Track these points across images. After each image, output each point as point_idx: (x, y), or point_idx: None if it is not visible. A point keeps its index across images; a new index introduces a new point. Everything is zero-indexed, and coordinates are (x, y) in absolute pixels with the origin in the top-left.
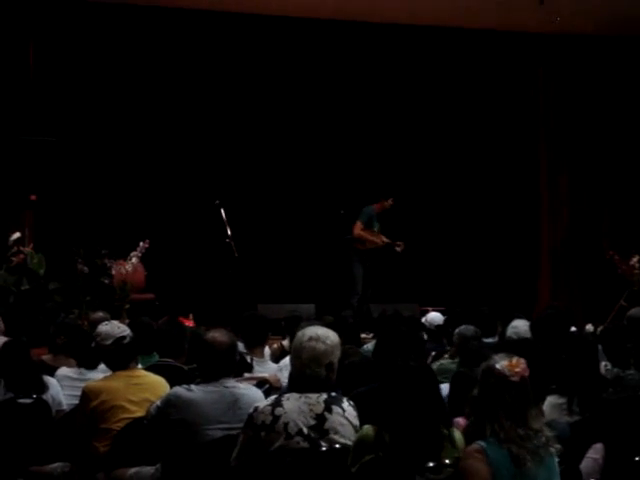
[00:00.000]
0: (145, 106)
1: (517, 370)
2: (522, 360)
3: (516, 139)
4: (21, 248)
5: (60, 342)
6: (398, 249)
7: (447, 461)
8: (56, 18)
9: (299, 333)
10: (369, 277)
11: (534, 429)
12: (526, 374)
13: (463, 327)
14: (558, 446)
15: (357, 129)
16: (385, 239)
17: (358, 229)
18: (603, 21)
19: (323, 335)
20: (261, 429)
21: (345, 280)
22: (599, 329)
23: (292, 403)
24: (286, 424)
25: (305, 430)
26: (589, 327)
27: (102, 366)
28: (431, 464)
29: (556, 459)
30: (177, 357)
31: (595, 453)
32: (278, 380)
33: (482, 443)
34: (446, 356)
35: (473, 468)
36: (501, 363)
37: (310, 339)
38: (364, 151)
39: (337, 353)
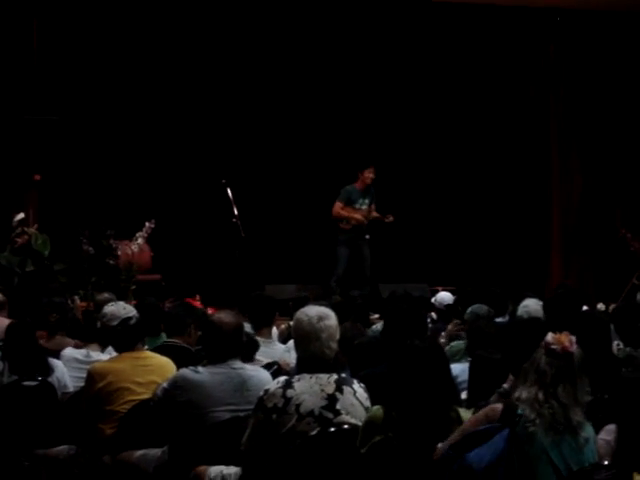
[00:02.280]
0: (150, 84)
1: (562, 341)
2: (573, 337)
3: (527, 118)
4: (25, 229)
5: (53, 320)
6: (387, 221)
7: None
8: None
9: (302, 317)
10: (362, 257)
11: (563, 403)
12: (570, 349)
13: (476, 306)
14: (586, 435)
15: (366, 109)
16: (374, 214)
17: (337, 208)
18: None
19: (326, 313)
20: (273, 412)
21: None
22: (611, 308)
23: (303, 384)
24: (298, 405)
25: (317, 411)
26: (601, 306)
27: (109, 348)
28: (440, 445)
29: (582, 440)
30: (183, 337)
31: (607, 435)
32: (288, 364)
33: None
34: (449, 327)
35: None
36: (551, 334)
37: (320, 319)
38: (374, 131)
39: None
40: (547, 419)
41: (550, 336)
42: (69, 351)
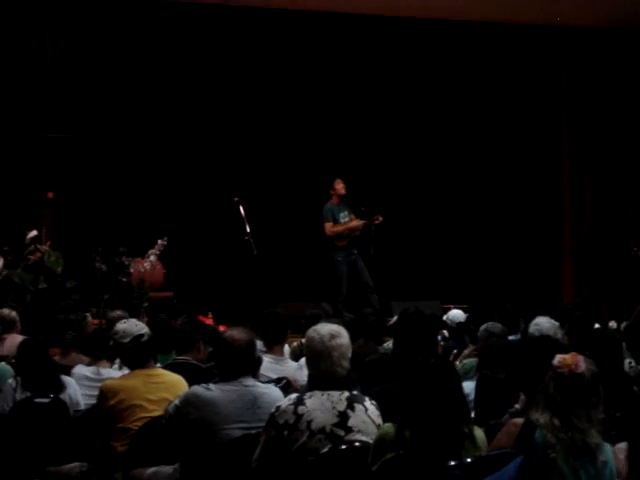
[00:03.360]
0: (163, 102)
1: (568, 363)
2: (580, 357)
3: (539, 135)
4: (38, 246)
5: (69, 337)
6: (377, 222)
7: (468, 459)
8: (72, 12)
9: (314, 335)
10: (359, 270)
11: (578, 427)
12: (577, 371)
13: (490, 324)
14: (604, 457)
15: (379, 126)
16: (360, 221)
17: (329, 228)
18: (630, 14)
19: (338, 331)
20: (284, 428)
21: (330, 284)
22: (622, 326)
23: (315, 401)
24: (309, 422)
25: (328, 428)
26: (612, 324)
27: (116, 363)
28: (452, 462)
29: (600, 464)
30: (193, 354)
31: (619, 453)
32: (296, 381)
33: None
34: (465, 352)
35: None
36: (559, 356)
37: (332, 337)
38: (386, 147)
39: None
40: (567, 444)
41: (557, 359)
42: (79, 369)
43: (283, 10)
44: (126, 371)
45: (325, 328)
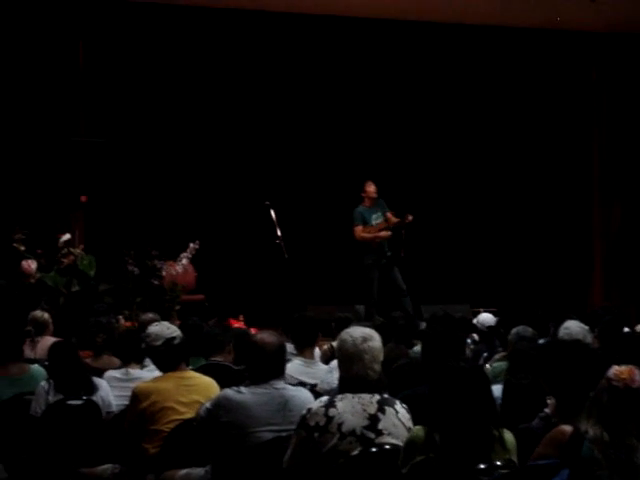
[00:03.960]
0: (195, 106)
1: (623, 377)
2: (636, 372)
3: (569, 139)
4: (71, 249)
5: (100, 340)
6: (408, 221)
7: (498, 462)
8: (106, 19)
9: (346, 337)
10: (392, 274)
11: (627, 444)
12: (634, 385)
13: (521, 328)
14: None
15: (412, 129)
16: (393, 220)
17: (359, 232)
18: None
19: (370, 334)
20: (315, 430)
21: (361, 287)
22: None
23: (346, 404)
24: (340, 424)
25: (358, 430)
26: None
27: (150, 366)
28: (482, 466)
29: None
30: (223, 355)
31: None
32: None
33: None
34: (496, 356)
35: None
36: (615, 368)
37: (364, 340)
38: (419, 151)
39: None
40: (613, 462)
41: (612, 371)
42: (110, 371)
43: (306, 15)
44: (156, 372)
45: (358, 331)
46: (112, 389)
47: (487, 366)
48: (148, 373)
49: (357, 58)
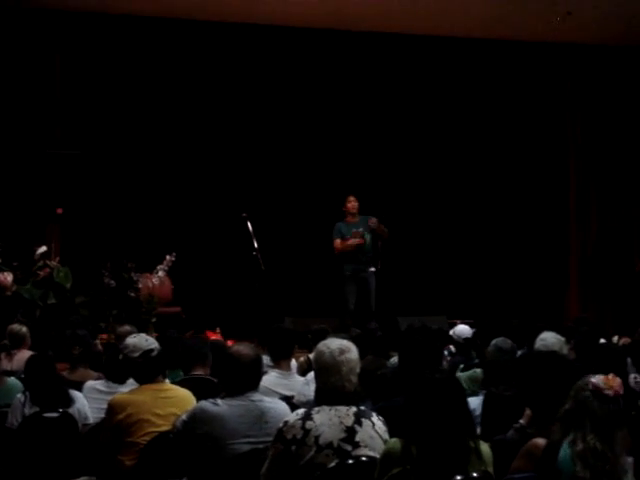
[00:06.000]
0: (171, 119)
1: (612, 385)
2: (618, 379)
3: (545, 151)
4: (47, 262)
5: (76, 352)
6: (371, 223)
7: (474, 474)
8: (82, 32)
9: (323, 349)
10: (367, 291)
11: (615, 452)
12: (620, 392)
13: (500, 340)
14: None
15: (387, 140)
16: (379, 227)
17: (337, 244)
18: (632, 31)
19: (348, 346)
20: (292, 443)
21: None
22: (621, 341)
23: (323, 416)
24: (317, 437)
25: (335, 443)
26: (616, 339)
27: (130, 380)
28: (458, 477)
29: None
30: (204, 368)
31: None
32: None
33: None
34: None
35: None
36: (597, 377)
37: (341, 352)
38: (394, 163)
39: None
40: (599, 473)
41: (599, 381)
42: (90, 382)
43: (294, 28)
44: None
45: (335, 343)
46: (92, 401)
47: (461, 374)
48: (129, 387)
49: (337, 68)
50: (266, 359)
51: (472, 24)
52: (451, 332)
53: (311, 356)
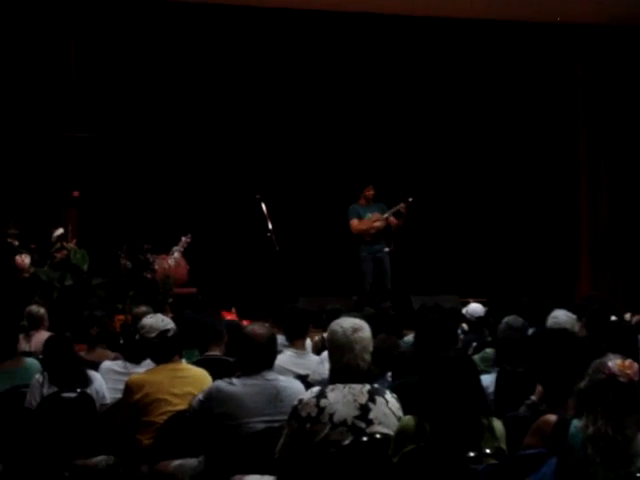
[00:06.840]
0: (186, 100)
1: (627, 372)
2: (635, 364)
3: (556, 130)
4: (64, 244)
5: (94, 333)
6: (407, 204)
7: (487, 451)
8: (98, 14)
9: (336, 328)
10: (383, 270)
11: (627, 436)
12: (635, 378)
13: (511, 318)
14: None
15: (399, 123)
16: (385, 214)
17: (355, 225)
18: None
19: (360, 324)
20: (306, 421)
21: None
22: (634, 319)
23: (337, 394)
24: (331, 415)
25: (349, 420)
26: (628, 316)
27: (147, 360)
28: (472, 454)
29: (636, 471)
30: (220, 349)
31: None
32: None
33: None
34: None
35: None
36: (614, 361)
37: (354, 330)
38: (406, 145)
39: None
40: (610, 456)
41: (614, 366)
42: (107, 363)
43: (301, 11)
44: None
45: (347, 322)
46: (110, 381)
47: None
48: (146, 367)
49: (346, 50)
50: (281, 339)
51: (480, 5)
52: (464, 311)
53: (325, 335)
